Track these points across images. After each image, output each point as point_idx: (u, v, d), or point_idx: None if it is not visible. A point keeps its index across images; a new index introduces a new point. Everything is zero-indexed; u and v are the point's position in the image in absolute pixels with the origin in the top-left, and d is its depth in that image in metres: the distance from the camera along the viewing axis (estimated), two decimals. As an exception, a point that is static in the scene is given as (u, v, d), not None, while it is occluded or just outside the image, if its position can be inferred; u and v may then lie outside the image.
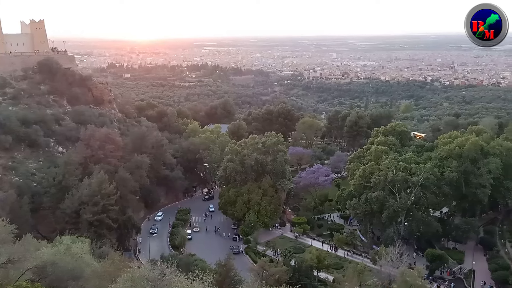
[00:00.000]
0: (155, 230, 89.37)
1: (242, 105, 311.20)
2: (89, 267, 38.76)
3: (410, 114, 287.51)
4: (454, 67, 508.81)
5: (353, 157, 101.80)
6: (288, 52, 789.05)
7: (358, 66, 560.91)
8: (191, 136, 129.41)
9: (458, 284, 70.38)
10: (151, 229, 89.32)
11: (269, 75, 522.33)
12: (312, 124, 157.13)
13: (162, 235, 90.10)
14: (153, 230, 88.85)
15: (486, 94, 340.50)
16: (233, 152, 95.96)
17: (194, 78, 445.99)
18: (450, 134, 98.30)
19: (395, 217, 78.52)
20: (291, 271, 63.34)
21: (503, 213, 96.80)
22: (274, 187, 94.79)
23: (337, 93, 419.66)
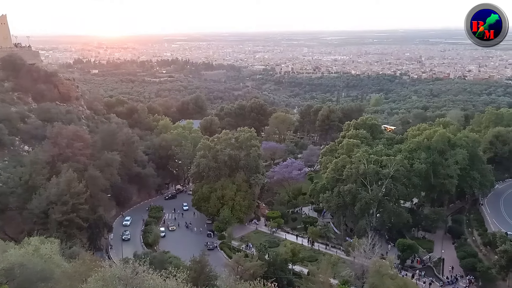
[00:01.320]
0: (128, 236, 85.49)
1: (214, 101, 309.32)
2: (59, 268, 37.94)
3: (380, 107, 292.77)
4: (421, 61, 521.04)
5: (325, 151, 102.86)
6: (259, 46, 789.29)
7: (329, 60, 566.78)
8: (162, 132, 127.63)
9: (428, 272, 72.26)
10: (124, 236, 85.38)
11: (241, 70, 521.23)
12: (284, 118, 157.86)
13: (134, 233, 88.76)
14: (126, 236, 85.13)
15: (453, 87, 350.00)
16: (206, 148, 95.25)
17: (165, 74, 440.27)
18: (419, 127, 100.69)
19: (367, 209, 79.89)
20: (266, 265, 63.45)
21: (470, 203, 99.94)
22: (248, 182, 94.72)
23: (309, 88, 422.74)
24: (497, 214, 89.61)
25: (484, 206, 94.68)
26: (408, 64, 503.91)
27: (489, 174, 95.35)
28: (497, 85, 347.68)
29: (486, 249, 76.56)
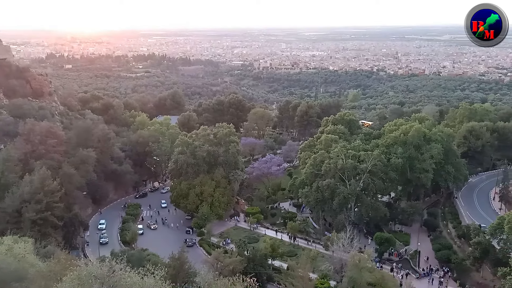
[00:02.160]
0: (106, 240, 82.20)
1: (192, 96, 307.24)
2: (33, 267, 37.32)
3: (358, 103, 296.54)
4: (398, 57, 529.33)
5: (304, 146, 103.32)
6: (237, 42, 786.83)
7: (307, 56, 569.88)
8: (139, 128, 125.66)
9: (405, 265, 73.50)
10: (101, 239, 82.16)
11: (219, 65, 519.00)
12: (263, 114, 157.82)
13: (111, 231, 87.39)
14: (104, 240, 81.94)
15: (428, 83, 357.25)
16: (184, 144, 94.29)
17: (141, 69, 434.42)
18: (396, 122, 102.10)
19: (345, 204, 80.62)
20: (246, 261, 63.43)
21: (445, 196, 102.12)
22: (227, 178, 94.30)
23: (287, 83, 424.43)
24: (470, 207, 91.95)
25: (458, 199, 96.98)
26: (384, 60, 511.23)
27: (463, 168, 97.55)
28: (471, 81, 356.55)
29: (461, 241, 78.40)
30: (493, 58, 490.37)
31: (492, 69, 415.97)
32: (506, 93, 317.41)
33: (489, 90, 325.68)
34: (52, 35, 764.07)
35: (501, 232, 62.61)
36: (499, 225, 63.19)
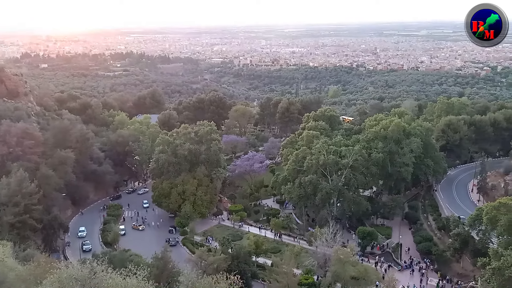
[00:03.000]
0: (89, 247, 77.98)
1: (172, 94, 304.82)
2: (13, 271, 36.87)
3: (338, 99, 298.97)
4: (377, 53, 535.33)
5: (286, 143, 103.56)
6: (217, 39, 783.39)
7: (287, 52, 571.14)
8: (119, 128, 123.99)
9: (387, 258, 74.50)
10: (84, 247, 78.03)
11: (199, 62, 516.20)
12: (244, 111, 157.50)
13: (93, 233, 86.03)
14: (86, 247, 77.82)
15: (407, 78, 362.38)
16: (165, 143, 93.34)
17: (119, 67, 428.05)
18: (376, 117, 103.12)
19: (328, 199, 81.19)
20: (230, 258, 63.28)
21: (425, 189, 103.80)
22: (209, 177, 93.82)
23: (268, 80, 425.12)
24: (450, 199, 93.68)
25: (438, 192, 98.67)
26: (364, 56, 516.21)
27: (442, 161, 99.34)
28: (448, 75, 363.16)
29: (441, 233, 79.80)
30: (469, 52, 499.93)
31: (468, 63, 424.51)
32: (483, 87, 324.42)
33: (466, 84, 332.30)
34: (27, 35, 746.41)
35: (480, 223, 63.79)
36: (477, 216, 64.38)
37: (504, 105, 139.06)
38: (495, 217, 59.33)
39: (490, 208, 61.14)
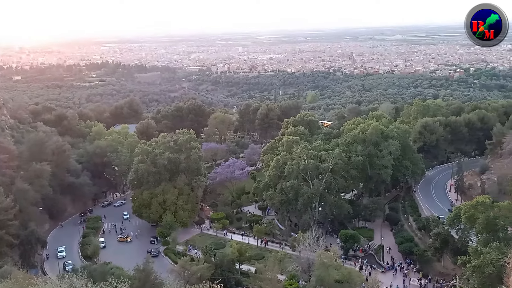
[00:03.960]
0: (71, 267, 73.02)
1: (150, 104, 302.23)
2: None
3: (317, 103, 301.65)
4: (353, 57, 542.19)
5: (266, 149, 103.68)
6: (193, 47, 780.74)
7: (264, 59, 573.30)
8: (96, 139, 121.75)
9: (370, 260, 75.02)
10: (66, 266, 73.78)
11: (176, 71, 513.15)
12: (224, 118, 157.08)
13: (72, 246, 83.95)
14: (70, 268, 72.42)
15: (383, 82, 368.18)
16: (144, 152, 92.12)
17: (95, 78, 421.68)
18: (354, 121, 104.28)
19: (309, 203, 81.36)
20: (213, 267, 62.76)
21: (404, 190, 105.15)
22: (190, 185, 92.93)
23: (246, 87, 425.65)
24: (429, 200, 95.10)
25: (417, 193, 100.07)
26: (340, 60, 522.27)
27: (420, 162, 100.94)
28: (423, 78, 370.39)
29: (421, 233, 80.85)
30: (442, 55, 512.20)
31: (442, 66, 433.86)
32: (456, 88, 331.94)
33: (440, 86, 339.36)
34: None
35: (459, 222, 64.87)
36: (456, 215, 65.42)
37: (477, 106, 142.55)
38: (473, 215, 60.41)
39: (468, 207, 62.22)
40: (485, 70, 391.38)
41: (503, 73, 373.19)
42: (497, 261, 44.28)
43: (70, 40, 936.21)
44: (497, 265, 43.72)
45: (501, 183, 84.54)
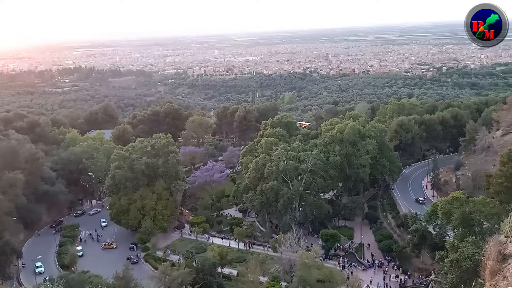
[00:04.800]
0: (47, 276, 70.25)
1: (126, 108, 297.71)
2: None
3: (294, 105, 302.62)
4: (329, 58, 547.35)
5: (245, 151, 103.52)
6: (169, 50, 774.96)
7: (241, 61, 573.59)
8: (70, 145, 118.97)
9: (351, 258, 75.68)
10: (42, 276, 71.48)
11: (152, 75, 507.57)
12: (201, 122, 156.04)
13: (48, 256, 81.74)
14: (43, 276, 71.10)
15: (359, 82, 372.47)
16: (121, 158, 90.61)
17: (68, 83, 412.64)
18: (331, 121, 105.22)
19: (289, 204, 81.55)
20: (195, 271, 62.11)
21: (382, 188, 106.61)
22: (168, 190, 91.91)
23: (223, 89, 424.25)
24: (406, 197, 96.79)
25: (394, 191, 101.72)
26: (316, 61, 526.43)
27: (397, 160, 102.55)
28: (397, 78, 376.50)
29: (400, 230, 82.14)
30: (416, 55, 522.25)
31: (415, 65, 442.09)
32: (430, 87, 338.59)
33: (414, 86, 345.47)
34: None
35: (436, 218, 66.20)
36: (433, 211, 66.77)
37: (450, 104, 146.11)
38: (449, 211, 61.76)
39: (444, 203, 63.62)
40: (457, 68, 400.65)
41: (474, 71, 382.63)
42: (474, 255, 45.14)
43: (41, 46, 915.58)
44: (473, 259, 44.53)
45: (475, 178, 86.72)
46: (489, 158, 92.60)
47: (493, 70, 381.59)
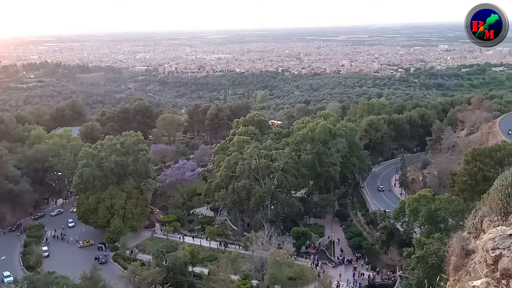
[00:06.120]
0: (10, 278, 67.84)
1: (94, 105, 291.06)
2: None
3: (266, 103, 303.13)
4: (300, 58, 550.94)
5: (217, 149, 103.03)
6: (139, 47, 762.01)
7: (213, 59, 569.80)
8: (36, 143, 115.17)
9: (322, 255, 76.51)
10: (5, 279, 68.59)
11: (121, 71, 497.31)
12: (172, 119, 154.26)
13: (12, 257, 78.93)
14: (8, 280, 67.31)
15: (330, 81, 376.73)
16: (89, 156, 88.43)
17: (33, 79, 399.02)
18: (303, 120, 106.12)
19: (261, 202, 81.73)
20: (165, 271, 61.37)
21: (352, 186, 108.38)
22: (138, 188, 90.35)
23: (195, 87, 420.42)
24: (375, 195, 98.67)
25: (364, 189, 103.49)
26: (288, 60, 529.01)
27: (366, 159, 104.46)
28: (367, 78, 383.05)
29: (369, 227, 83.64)
30: (385, 55, 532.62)
31: (384, 66, 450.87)
32: (398, 87, 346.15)
33: (384, 86, 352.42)
34: None
35: (403, 215, 67.82)
36: (401, 209, 68.39)
37: (418, 104, 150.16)
38: (416, 208, 63.38)
39: (411, 201, 65.26)
40: (424, 69, 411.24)
41: (440, 72, 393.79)
42: (439, 251, 46.39)
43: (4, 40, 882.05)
44: (439, 255, 45.76)
45: (441, 177, 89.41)
46: (454, 157, 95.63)
47: (458, 72, 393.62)
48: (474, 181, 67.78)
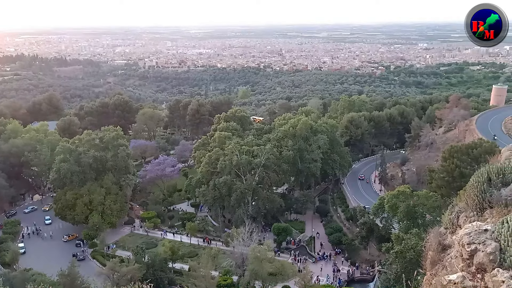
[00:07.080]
0: None
1: (72, 99, 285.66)
2: None
3: (248, 99, 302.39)
4: (282, 54, 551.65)
5: (198, 145, 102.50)
6: (119, 40, 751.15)
7: (194, 54, 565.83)
8: (11, 137, 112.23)
9: (302, 251, 77.06)
10: None
11: (100, 65, 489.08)
12: (153, 114, 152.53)
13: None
14: None
15: (311, 78, 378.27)
16: (66, 151, 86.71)
17: (9, 72, 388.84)
18: (284, 116, 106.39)
19: (242, 199, 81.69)
20: (145, 267, 60.93)
21: (333, 183, 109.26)
22: (118, 184, 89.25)
23: (176, 82, 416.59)
24: (355, 191, 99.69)
25: (344, 185, 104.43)
26: (270, 57, 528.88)
27: (347, 155, 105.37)
28: (348, 75, 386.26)
29: (349, 223, 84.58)
30: (366, 53, 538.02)
31: (365, 63, 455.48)
32: (379, 85, 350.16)
33: (364, 83, 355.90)
34: None
35: (382, 211, 68.80)
36: (380, 205, 69.34)
37: (398, 101, 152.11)
38: (395, 204, 64.39)
39: (390, 197, 66.22)
40: (404, 67, 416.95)
41: (420, 70, 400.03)
42: (417, 246, 47.27)
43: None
44: (416, 250, 46.63)
45: (419, 173, 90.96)
46: (432, 154, 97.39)
47: (437, 70, 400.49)
48: (451, 177, 69.10)
